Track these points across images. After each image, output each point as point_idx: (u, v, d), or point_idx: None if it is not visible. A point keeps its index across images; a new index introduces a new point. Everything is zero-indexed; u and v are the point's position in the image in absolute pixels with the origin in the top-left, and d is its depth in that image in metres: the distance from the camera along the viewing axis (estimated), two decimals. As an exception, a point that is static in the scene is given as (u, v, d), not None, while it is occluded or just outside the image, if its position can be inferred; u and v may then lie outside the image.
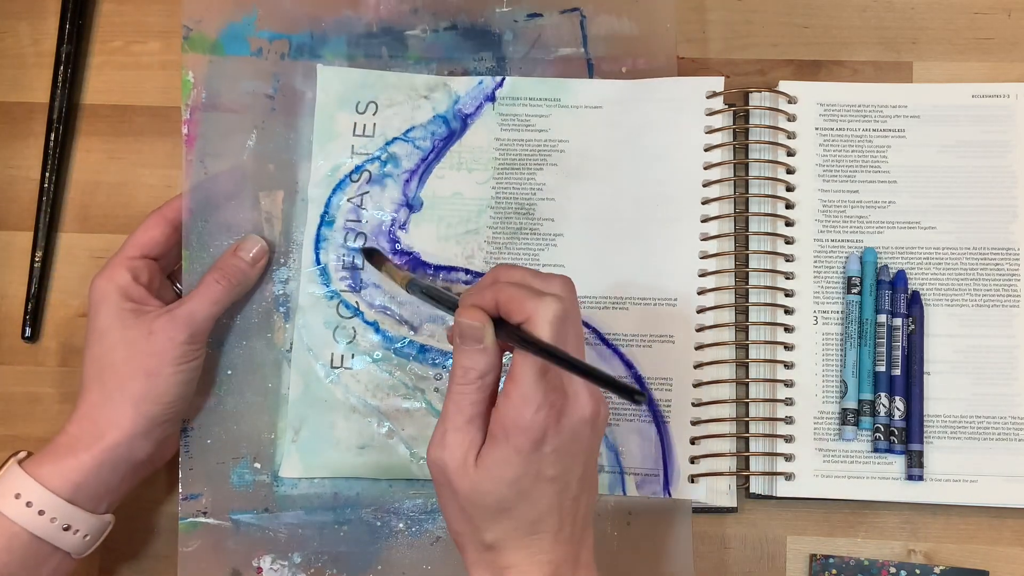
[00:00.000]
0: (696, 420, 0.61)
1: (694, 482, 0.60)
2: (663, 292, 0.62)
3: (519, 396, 0.46)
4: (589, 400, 0.48)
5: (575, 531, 0.49)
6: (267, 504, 0.61)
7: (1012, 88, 0.63)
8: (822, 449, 0.61)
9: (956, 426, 0.60)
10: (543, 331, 0.46)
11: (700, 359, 0.61)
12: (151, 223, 0.61)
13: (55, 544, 0.54)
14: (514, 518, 0.48)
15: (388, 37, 0.65)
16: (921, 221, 0.62)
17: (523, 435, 0.46)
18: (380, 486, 0.62)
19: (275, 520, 0.61)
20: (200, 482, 0.61)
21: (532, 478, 0.47)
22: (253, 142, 0.64)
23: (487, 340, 0.48)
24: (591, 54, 0.65)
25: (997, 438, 0.60)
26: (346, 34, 0.65)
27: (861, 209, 0.62)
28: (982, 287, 0.61)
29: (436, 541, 0.61)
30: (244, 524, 0.61)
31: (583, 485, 0.49)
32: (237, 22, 0.64)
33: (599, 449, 0.51)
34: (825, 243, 0.62)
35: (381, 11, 0.65)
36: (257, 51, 0.64)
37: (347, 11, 0.65)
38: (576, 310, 0.50)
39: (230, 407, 0.62)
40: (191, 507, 0.61)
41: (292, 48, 0.65)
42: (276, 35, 0.65)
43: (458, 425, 0.48)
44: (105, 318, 0.57)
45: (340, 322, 0.63)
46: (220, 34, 0.64)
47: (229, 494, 0.61)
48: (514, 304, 0.47)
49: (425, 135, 0.64)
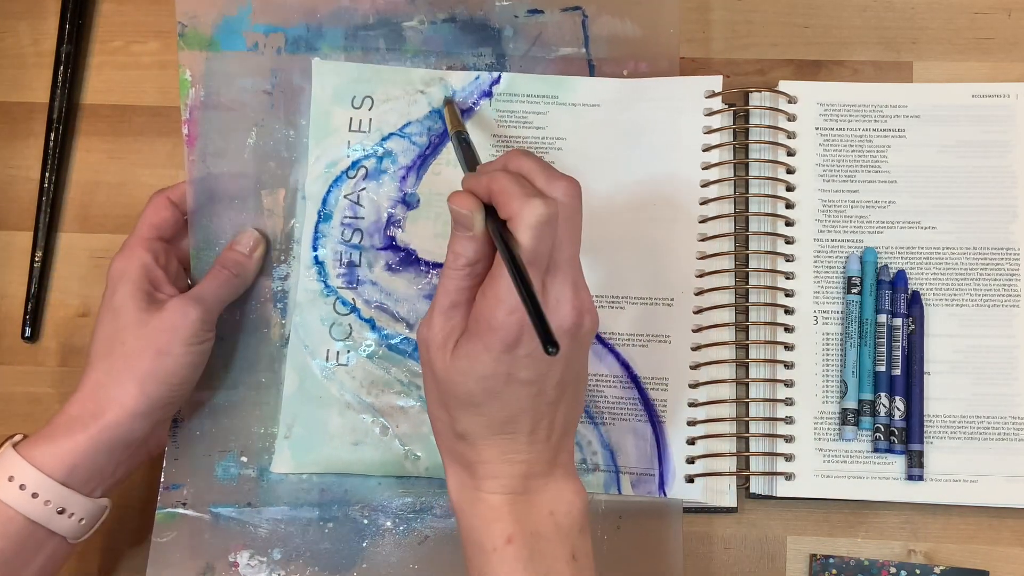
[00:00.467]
0: (693, 420, 0.60)
1: (691, 482, 0.60)
2: (660, 292, 0.62)
3: (493, 295, 0.46)
4: (570, 310, 0.47)
5: (552, 435, 0.49)
6: (250, 499, 0.61)
7: (1012, 88, 0.63)
8: (822, 449, 0.60)
9: (956, 426, 0.60)
10: (523, 235, 0.44)
11: (697, 359, 0.61)
12: (160, 204, 0.61)
13: (50, 528, 0.54)
14: (484, 414, 0.47)
15: (385, 29, 0.65)
16: (921, 221, 0.62)
17: (494, 335, 0.45)
18: (369, 484, 0.61)
19: (257, 515, 0.61)
20: (183, 473, 0.61)
21: (503, 379, 0.46)
22: (253, 140, 0.64)
23: (476, 228, 0.47)
24: (592, 55, 0.65)
25: (997, 438, 0.60)
26: (343, 26, 0.65)
27: (861, 209, 0.62)
28: (982, 287, 0.61)
29: (424, 540, 0.60)
30: (224, 518, 0.60)
31: (561, 392, 0.48)
32: (232, 15, 0.64)
33: (586, 359, 0.51)
34: (825, 243, 0.62)
35: (378, 2, 0.65)
36: (253, 46, 0.64)
37: (344, 1, 0.65)
38: (576, 216, 0.48)
39: (222, 401, 0.62)
40: (170, 497, 0.61)
41: (288, 42, 0.64)
42: (272, 28, 0.64)
43: (443, 308, 0.48)
44: (122, 296, 0.57)
45: (336, 318, 0.63)
46: (215, 29, 0.64)
47: (212, 487, 0.61)
48: (503, 198, 0.46)
49: (421, 130, 0.64)
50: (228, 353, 0.62)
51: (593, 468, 0.60)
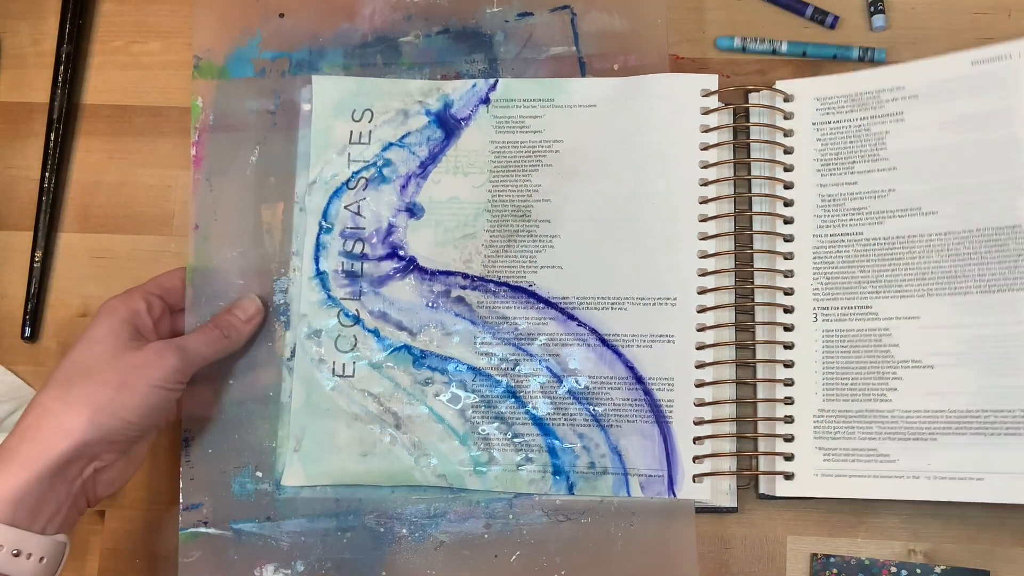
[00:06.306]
0: (699, 420, 0.60)
1: (698, 482, 0.59)
2: (662, 292, 0.61)
3: None
4: None
5: None
6: (269, 512, 0.61)
7: (1013, 47, 0.59)
8: (822, 448, 0.59)
9: (961, 421, 0.57)
10: None
11: (702, 359, 0.61)
12: (176, 274, 0.62)
13: (11, 574, 0.51)
14: None
15: (383, 45, 0.66)
16: (923, 207, 0.60)
17: None
18: (382, 492, 0.62)
19: (277, 528, 0.61)
20: (201, 492, 0.61)
21: None
22: (256, 157, 0.65)
23: None
24: (582, 52, 0.65)
25: (1005, 432, 0.56)
26: (343, 46, 0.66)
27: (860, 200, 0.61)
28: (987, 271, 0.58)
29: (440, 546, 0.61)
30: (245, 533, 0.61)
31: None
32: (243, 46, 0.65)
33: None
34: (824, 238, 0.61)
35: (376, 21, 0.66)
36: (260, 71, 0.65)
37: (344, 24, 0.66)
38: None
39: (231, 416, 0.62)
40: (191, 517, 0.61)
41: (292, 65, 0.66)
42: (278, 54, 0.66)
43: None
44: (104, 329, 0.56)
45: (341, 331, 0.63)
46: (227, 59, 0.65)
47: (230, 503, 0.61)
48: None
49: (420, 140, 0.64)
50: (233, 368, 0.63)
51: (602, 471, 0.60)
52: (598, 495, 0.60)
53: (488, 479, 0.61)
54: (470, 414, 0.62)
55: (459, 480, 0.61)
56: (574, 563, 0.60)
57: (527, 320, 0.62)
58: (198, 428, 0.62)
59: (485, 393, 0.62)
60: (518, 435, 0.61)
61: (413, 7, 0.65)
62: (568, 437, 0.61)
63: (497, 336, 0.62)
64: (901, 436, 0.58)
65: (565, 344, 0.62)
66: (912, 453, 0.58)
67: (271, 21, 0.66)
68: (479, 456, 0.61)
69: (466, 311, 0.63)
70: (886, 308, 0.59)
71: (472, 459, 0.61)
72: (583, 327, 0.62)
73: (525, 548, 0.60)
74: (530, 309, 0.62)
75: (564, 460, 0.61)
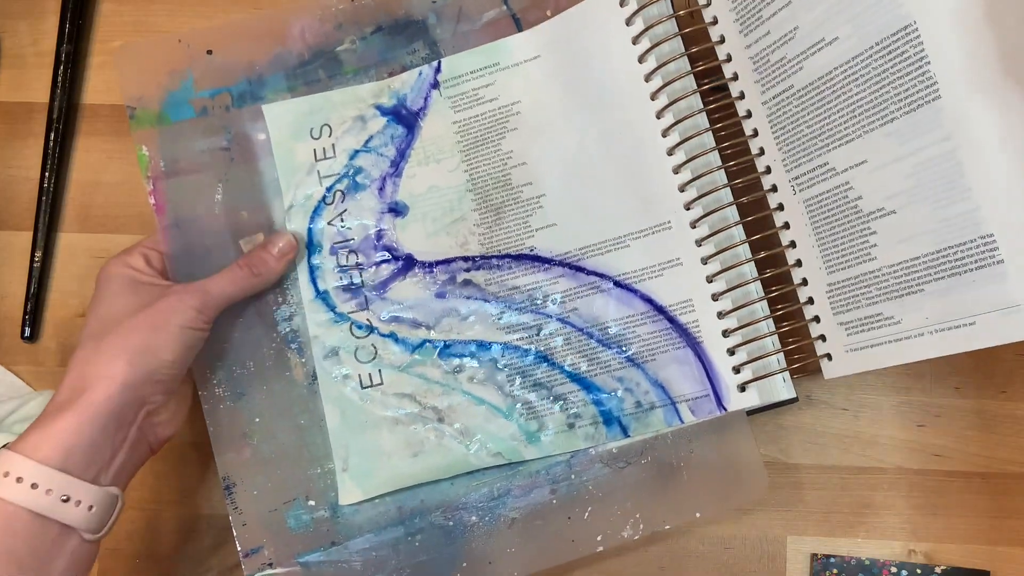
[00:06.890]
0: (727, 331, 0.60)
1: (744, 391, 0.60)
2: (656, 218, 0.61)
3: None
4: None
5: None
6: (332, 538, 0.61)
7: None
8: (843, 323, 0.57)
9: (934, 264, 0.53)
10: None
11: (711, 272, 0.60)
12: None
13: (60, 520, 0.51)
14: None
15: (322, 59, 0.65)
16: (824, 36, 0.54)
17: None
18: (442, 487, 0.61)
19: (345, 551, 0.61)
20: (257, 534, 0.61)
21: None
22: (221, 195, 0.64)
23: None
24: (514, 9, 0.64)
25: (975, 267, 0.51)
26: (282, 70, 0.65)
27: (778, 49, 0.57)
28: (901, 89, 0.52)
29: (512, 523, 0.61)
30: (313, 564, 0.61)
31: None
32: (176, 89, 0.64)
33: None
34: (770, 104, 0.58)
35: (308, 38, 0.65)
36: (202, 111, 0.64)
37: (277, 48, 0.65)
38: None
39: (267, 453, 0.62)
40: (255, 562, 0.61)
41: (234, 98, 0.65)
42: (216, 90, 0.64)
43: None
44: (117, 284, 0.58)
45: (357, 343, 0.63)
46: (162, 105, 0.64)
47: (290, 539, 0.61)
48: None
49: (384, 141, 0.64)
50: (257, 406, 0.62)
51: (650, 407, 0.61)
52: (652, 430, 0.61)
53: (544, 445, 0.61)
54: (508, 388, 0.62)
55: (515, 454, 0.61)
56: (646, 504, 0.60)
57: (538, 284, 0.62)
58: (237, 473, 0.61)
59: (517, 364, 0.62)
60: (560, 396, 0.61)
61: (341, 15, 0.65)
62: (608, 384, 0.61)
63: (513, 307, 0.62)
64: (896, 294, 0.55)
65: (581, 296, 0.62)
66: (908, 309, 0.54)
67: (200, 59, 0.65)
68: (528, 425, 0.61)
69: (476, 292, 0.63)
70: (838, 160, 0.56)
71: (522, 430, 0.61)
72: (593, 275, 0.62)
73: (595, 503, 0.61)
74: (538, 272, 0.62)
75: (611, 407, 0.61)
